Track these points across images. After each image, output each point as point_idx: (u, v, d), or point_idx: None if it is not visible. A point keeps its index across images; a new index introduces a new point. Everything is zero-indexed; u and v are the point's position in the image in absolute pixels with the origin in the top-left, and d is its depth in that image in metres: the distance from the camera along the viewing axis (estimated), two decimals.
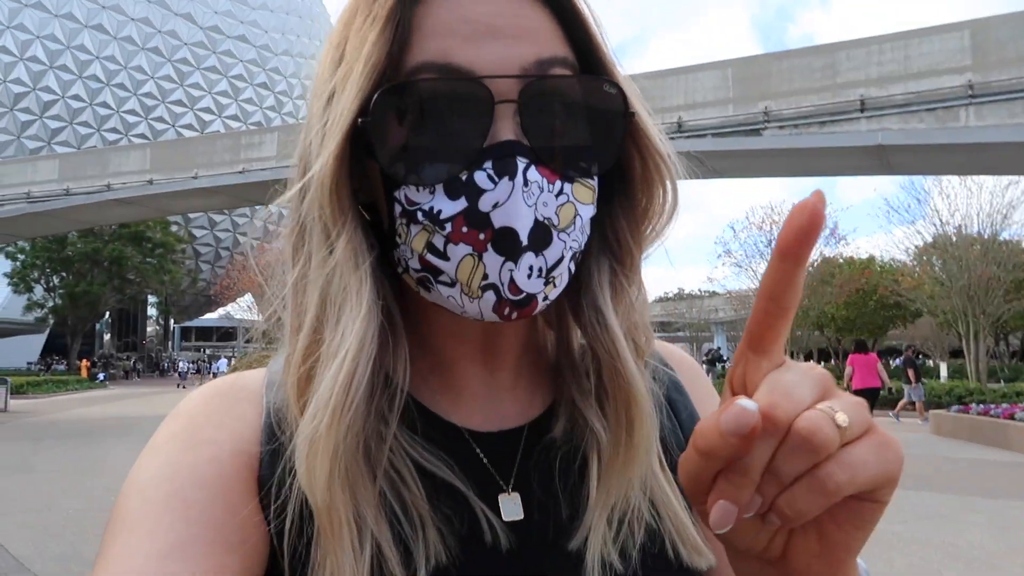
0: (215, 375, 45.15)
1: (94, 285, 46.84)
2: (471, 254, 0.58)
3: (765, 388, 0.40)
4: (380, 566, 0.57)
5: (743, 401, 0.38)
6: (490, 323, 0.63)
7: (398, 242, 0.62)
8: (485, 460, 0.67)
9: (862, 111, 16.35)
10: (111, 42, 58.08)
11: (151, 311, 72.80)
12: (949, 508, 8.34)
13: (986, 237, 25.70)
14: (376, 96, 0.57)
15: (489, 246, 0.57)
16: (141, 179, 25.72)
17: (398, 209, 0.60)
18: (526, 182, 0.57)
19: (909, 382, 19.50)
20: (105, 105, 57.57)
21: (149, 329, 77.15)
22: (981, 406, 16.24)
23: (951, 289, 25.60)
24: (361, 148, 0.60)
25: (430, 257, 0.60)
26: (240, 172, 24.05)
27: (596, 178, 0.63)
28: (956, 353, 31.47)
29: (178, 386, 35.55)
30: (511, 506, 0.65)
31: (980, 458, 12.40)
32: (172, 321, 76.17)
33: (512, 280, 0.58)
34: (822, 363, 18.06)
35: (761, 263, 30.07)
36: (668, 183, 0.66)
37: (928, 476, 10.21)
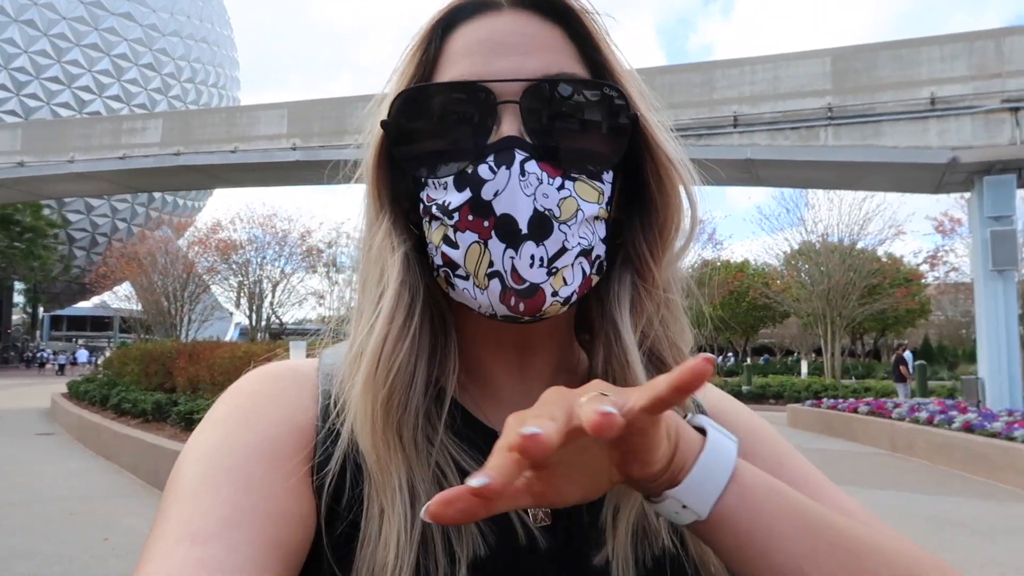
0: (75, 364, 42.99)
1: None
2: (477, 242, 0.61)
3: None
4: (426, 544, 0.60)
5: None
6: (522, 335, 0.69)
7: (428, 242, 0.66)
8: None
9: (735, 126, 17.31)
10: None
11: (17, 298, 68.15)
12: None
13: (845, 245, 27.65)
14: (395, 100, 0.65)
15: (493, 233, 0.61)
16: (10, 160, 24.15)
17: (422, 209, 0.66)
18: (523, 172, 0.60)
19: (902, 380, 18.78)
20: None
21: (15, 317, 72.12)
22: (832, 400, 17.64)
23: (813, 292, 27.56)
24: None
25: (445, 249, 0.64)
26: (121, 158, 23.03)
27: (605, 181, 0.65)
28: (820, 351, 33.81)
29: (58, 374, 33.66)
30: (539, 511, 0.66)
31: (829, 448, 13.49)
32: (41, 309, 71.56)
33: (514, 268, 0.61)
34: None
35: None
36: (681, 189, 0.68)
37: None
